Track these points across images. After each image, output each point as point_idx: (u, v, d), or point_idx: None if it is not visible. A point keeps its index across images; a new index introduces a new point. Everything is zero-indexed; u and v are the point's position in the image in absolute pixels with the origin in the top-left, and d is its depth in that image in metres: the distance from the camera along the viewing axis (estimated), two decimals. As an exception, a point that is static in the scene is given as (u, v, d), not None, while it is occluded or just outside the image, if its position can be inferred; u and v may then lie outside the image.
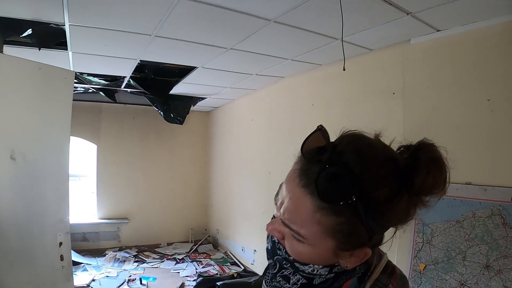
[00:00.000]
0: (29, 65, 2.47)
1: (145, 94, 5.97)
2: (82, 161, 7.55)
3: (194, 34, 3.33)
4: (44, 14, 2.97)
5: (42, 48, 3.69)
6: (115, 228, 7.31)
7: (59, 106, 2.62)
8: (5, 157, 2.32)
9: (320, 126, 0.85)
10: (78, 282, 5.37)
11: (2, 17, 3.02)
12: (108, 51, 3.94)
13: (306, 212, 0.79)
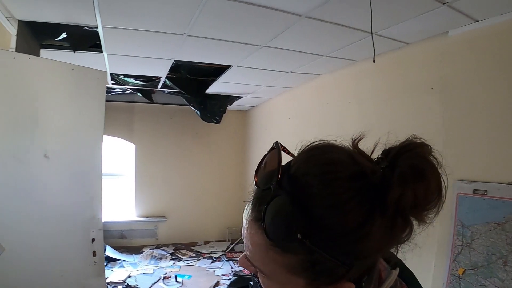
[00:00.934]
0: (62, 67, 2.54)
1: (181, 94, 6.04)
2: (121, 160, 7.74)
3: (225, 32, 3.35)
4: (76, 17, 3.07)
5: (76, 51, 3.79)
6: (152, 226, 7.44)
7: (92, 106, 2.68)
8: (39, 156, 2.40)
9: (275, 143, 0.74)
10: (114, 278, 5.52)
11: (37, 22, 3.13)
12: (142, 52, 4.02)
13: (261, 250, 0.69)
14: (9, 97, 2.30)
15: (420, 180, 0.62)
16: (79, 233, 2.58)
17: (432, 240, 3.06)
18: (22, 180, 2.35)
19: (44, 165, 2.42)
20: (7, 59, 2.33)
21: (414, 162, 0.63)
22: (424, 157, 0.66)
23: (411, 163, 0.63)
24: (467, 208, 2.83)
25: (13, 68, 2.31)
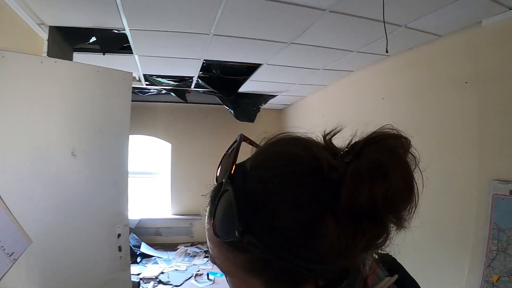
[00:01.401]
0: (88, 69, 2.63)
1: (214, 93, 6.10)
2: (157, 159, 7.91)
3: (251, 30, 3.37)
4: (104, 21, 3.19)
5: (106, 53, 3.91)
6: (188, 224, 7.55)
7: (118, 105, 2.76)
8: (66, 154, 2.50)
9: (239, 136, 0.73)
10: (147, 274, 5.67)
11: (69, 27, 3.27)
12: (171, 52, 4.10)
13: (216, 248, 0.67)
14: (38, 99, 2.41)
15: (379, 177, 0.55)
16: (105, 228, 2.67)
17: (465, 244, 2.96)
18: (50, 177, 2.46)
19: (71, 163, 2.53)
20: (35, 63, 2.45)
21: (376, 156, 0.57)
22: (390, 150, 0.59)
23: (372, 157, 0.57)
24: (503, 211, 2.66)
25: (40, 72, 2.42)
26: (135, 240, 6.73)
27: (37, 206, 2.39)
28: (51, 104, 2.46)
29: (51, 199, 2.45)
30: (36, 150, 2.39)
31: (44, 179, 2.43)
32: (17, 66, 2.33)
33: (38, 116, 2.41)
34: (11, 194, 2.26)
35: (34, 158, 2.38)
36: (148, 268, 5.97)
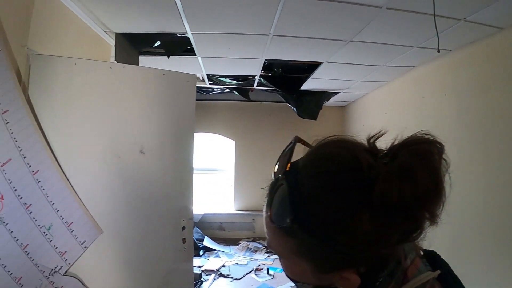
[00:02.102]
0: (154, 72, 2.79)
1: (277, 91, 6.17)
2: (222, 156, 8.13)
3: (309, 30, 3.42)
4: (167, 27, 3.40)
5: (171, 56, 4.11)
6: (250, 220, 7.69)
7: (184, 106, 2.90)
8: (135, 151, 2.69)
9: (294, 137, 0.84)
10: (209, 266, 5.87)
11: (135, 33, 3.52)
12: (233, 53, 4.24)
13: (272, 234, 0.79)
14: (109, 102, 2.61)
15: (406, 179, 0.64)
16: (171, 221, 2.83)
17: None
18: (121, 173, 2.66)
19: (140, 160, 2.71)
20: (105, 69, 2.65)
21: (407, 159, 0.66)
22: (421, 155, 0.66)
23: (402, 161, 0.66)
24: None
25: (110, 77, 2.61)
26: (198, 234, 6.96)
27: (109, 199, 2.61)
28: (121, 106, 2.65)
29: (122, 194, 2.65)
30: (108, 148, 2.59)
31: (115, 175, 2.63)
32: (89, 72, 2.54)
33: (109, 117, 2.61)
34: (86, 188, 2.50)
35: (106, 156, 2.59)
36: (210, 261, 6.17)
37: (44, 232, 2.23)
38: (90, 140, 2.54)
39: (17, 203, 2.07)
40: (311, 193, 0.70)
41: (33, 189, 2.17)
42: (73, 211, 2.40)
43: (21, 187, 2.08)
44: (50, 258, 2.27)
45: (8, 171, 2.00)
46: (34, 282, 2.18)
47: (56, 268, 2.31)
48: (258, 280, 5.53)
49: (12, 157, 2.03)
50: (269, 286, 5.31)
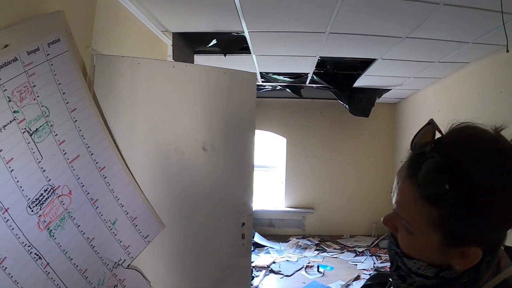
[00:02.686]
0: (215, 71, 2.84)
1: (329, 88, 6.12)
2: (273, 153, 8.16)
3: (366, 27, 3.40)
4: (224, 26, 3.46)
5: (227, 54, 4.16)
6: (300, 217, 7.69)
7: (244, 104, 2.94)
8: (198, 148, 2.76)
9: (430, 120, 0.88)
10: (259, 262, 5.92)
11: (190, 32, 3.60)
12: (288, 51, 4.25)
13: (411, 203, 0.82)
14: (172, 100, 2.68)
15: None
16: (231, 217, 2.89)
17: None
18: (183, 169, 2.73)
19: (202, 156, 2.77)
20: (168, 68, 2.72)
21: None
22: None
23: None
24: None
25: (173, 75, 2.68)
26: (249, 230, 7.01)
27: (171, 195, 2.69)
28: (184, 104, 2.72)
29: (183, 189, 2.72)
30: (172, 145, 2.66)
31: (178, 171, 2.71)
32: (152, 71, 2.61)
33: (172, 115, 2.68)
34: (149, 184, 2.58)
35: (170, 152, 2.66)
36: (260, 257, 6.22)
37: (109, 226, 2.32)
38: (154, 137, 2.62)
39: (85, 198, 2.17)
40: (469, 165, 0.75)
41: (99, 184, 2.26)
42: (137, 206, 2.49)
43: (88, 183, 2.18)
44: (114, 251, 2.37)
45: (76, 167, 2.10)
46: (98, 275, 2.28)
47: (120, 261, 2.40)
48: (308, 278, 5.53)
49: (80, 154, 2.13)
50: (320, 283, 5.30)
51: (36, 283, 1.87)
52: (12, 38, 1.73)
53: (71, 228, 2.08)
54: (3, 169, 1.70)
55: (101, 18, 2.57)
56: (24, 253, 1.80)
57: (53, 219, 1.97)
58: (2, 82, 1.69)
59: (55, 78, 1.99)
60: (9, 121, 1.73)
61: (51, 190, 1.95)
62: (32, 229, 1.84)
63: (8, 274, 1.72)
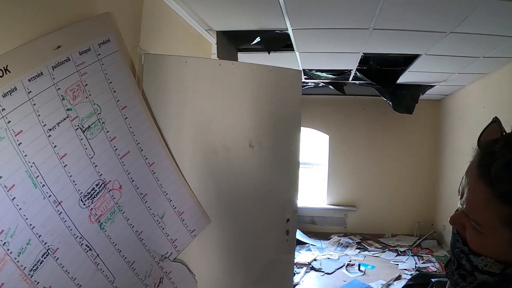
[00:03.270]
0: (261, 69, 2.87)
1: (372, 85, 6.05)
2: (315, 150, 8.13)
3: (409, 22, 3.33)
4: (267, 24, 3.49)
5: (271, 52, 4.18)
6: (342, 215, 7.66)
7: (290, 101, 2.96)
8: (245, 145, 2.79)
9: (495, 118, 0.88)
10: (301, 259, 5.94)
11: (234, 30, 3.66)
12: (331, 48, 4.23)
13: (482, 201, 0.81)
14: (218, 97, 2.72)
15: None
16: (276, 213, 2.91)
17: None
18: (230, 165, 2.77)
19: (248, 153, 2.80)
20: (214, 66, 2.77)
21: None
22: None
23: None
24: None
25: (219, 73, 2.72)
26: (290, 227, 7.04)
27: (219, 190, 2.74)
28: (230, 101, 2.76)
29: (230, 185, 2.77)
30: (219, 142, 2.71)
31: (225, 166, 2.75)
32: (199, 69, 2.66)
33: (219, 112, 2.72)
34: (197, 179, 2.64)
35: (217, 149, 2.71)
36: (301, 254, 6.24)
37: (157, 220, 2.40)
38: (201, 134, 2.67)
39: (134, 193, 2.24)
40: None
41: (148, 180, 2.34)
42: (184, 201, 2.55)
43: (138, 178, 2.26)
44: (161, 244, 2.44)
45: (127, 163, 2.18)
46: (146, 267, 2.35)
47: (166, 254, 2.47)
48: (349, 276, 5.52)
49: (130, 150, 2.21)
50: (360, 282, 5.28)
51: (86, 273, 1.96)
52: (64, 39, 1.81)
53: (121, 221, 2.16)
54: (57, 164, 1.79)
55: (148, 18, 2.64)
56: (75, 244, 1.89)
57: (104, 213, 2.05)
58: (56, 81, 1.78)
59: (106, 77, 2.06)
60: (63, 118, 1.82)
61: (102, 184, 2.04)
62: (83, 221, 1.93)
63: (60, 264, 1.81)
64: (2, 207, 1.54)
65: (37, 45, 1.69)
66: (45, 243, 1.74)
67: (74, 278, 1.88)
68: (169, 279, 2.52)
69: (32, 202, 1.67)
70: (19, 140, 1.61)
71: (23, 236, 1.63)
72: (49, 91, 1.75)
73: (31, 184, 1.67)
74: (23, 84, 1.62)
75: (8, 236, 1.56)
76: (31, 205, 1.67)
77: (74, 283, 1.88)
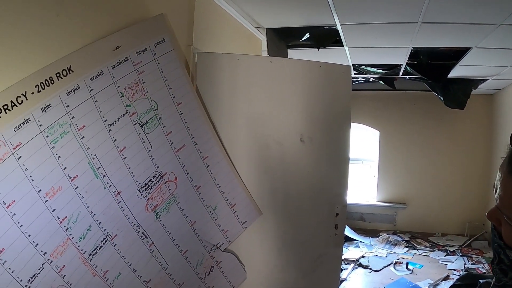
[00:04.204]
0: (311, 65, 2.91)
1: (422, 79, 5.92)
2: (366, 146, 8.03)
3: (458, 15, 3.26)
4: (316, 20, 3.53)
5: (320, 48, 4.21)
6: (392, 212, 7.53)
7: (340, 96, 2.98)
8: (296, 140, 2.84)
9: None
10: (349, 255, 5.94)
11: (284, 27, 3.72)
12: (380, 42, 4.21)
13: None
14: (270, 93, 2.79)
15: None
16: (326, 207, 2.95)
17: None
18: (281, 159, 2.83)
19: (299, 148, 2.85)
20: (265, 63, 2.85)
21: None
22: None
23: None
24: None
25: (270, 70, 2.79)
26: (340, 223, 7.03)
27: (270, 184, 2.81)
28: (281, 97, 2.81)
29: (281, 179, 2.83)
30: (270, 137, 2.78)
31: (277, 161, 2.82)
32: (251, 66, 2.74)
33: (271, 107, 2.78)
34: (249, 173, 2.73)
35: (269, 144, 2.78)
36: (350, 251, 6.23)
37: (210, 211, 2.50)
38: (253, 129, 2.75)
39: (189, 184, 2.36)
40: None
41: (202, 172, 2.45)
42: (236, 194, 2.65)
43: (192, 170, 2.37)
44: (213, 235, 2.54)
45: (182, 156, 2.30)
46: (197, 256, 2.46)
47: (218, 244, 2.57)
48: (396, 274, 5.46)
49: (185, 144, 2.33)
50: (408, 281, 5.21)
51: (141, 259, 2.10)
52: (123, 40, 1.96)
53: (176, 211, 2.29)
54: (117, 157, 1.95)
55: (200, 18, 2.75)
56: (132, 232, 2.04)
57: (160, 203, 2.18)
58: (115, 80, 1.93)
59: (162, 75, 2.19)
60: (122, 114, 1.97)
61: (159, 176, 2.17)
62: (140, 211, 2.08)
63: (117, 250, 1.96)
64: (66, 195, 1.70)
65: (97, 46, 1.84)
66: (105, 229, 1.89)
67: (130, 263, 2.03)
68: (220, 268, 2.62)
69: (93, 192, 1.83)
70: (82, 134, 1.77)
71: (85, 223, 1.79)
72: (109, 89, 1.90)
73: (93, 174, 1.83)
74: (85, 83, 1.78)
75: (71, 222, 1.72)
76: (93, 194, 1.83)
77: (129, 268, 2.03)
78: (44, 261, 1.61)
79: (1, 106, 1.43)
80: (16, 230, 1.50)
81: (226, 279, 2.67)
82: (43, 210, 1.60)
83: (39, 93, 1.57)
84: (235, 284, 2.72)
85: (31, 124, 1.55)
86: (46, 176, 1.61)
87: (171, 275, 2.28)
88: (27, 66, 1.53)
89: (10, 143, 1.47)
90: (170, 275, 2.27)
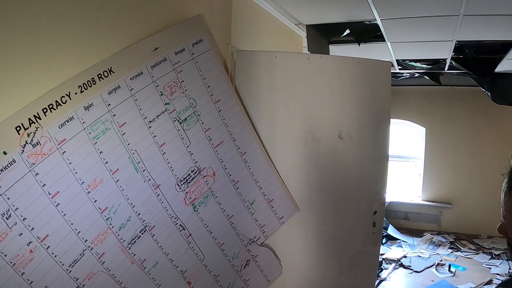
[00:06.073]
0: (349, 61, 2.90)
1: (469, 74, 5.75)
2: (411, 143, 7.84)
3: (500, 6, 3.14)
4: (355, 16, 3.51)
5: (361, 43, 4.19)
6: (437, 212, 7.32)
7: (379, 92, 2.94)
8: (334, 136, 2.85)
9: None
10: (390, 255, 5.88)
11: (325, 23, 3.73)
12: (422, 36, 4.13)
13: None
14: (308, 90, 2.81)
15: None
16: (363, 204, 2.94)
17: None
18: (319, 155, 2.85)
19: (338, 144, 2.85)
20: (303, 59, 2.86)
21: None
22: None
23: None
24: None
25: (308, 66, 2.80)
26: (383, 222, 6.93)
27: (307, 180, 2.84)
28: (319, 93, 2.83)
29: (318, 175, 2.85)
30: (309, 133, 2.80)
31: (314, 157, 2.84)
32: (288, 63, 2.76)
33: (309, 104, 2.80)
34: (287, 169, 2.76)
35: (308, 140, 2.80)
36: (392, 250, 6.15)
37: (247, 206, 2.56)
38: (292, 126, 2.78)
39: (227, 179, 2.43)
40: None
41: (240, 168, 2.51)
42: (274, 189, 2.69)
43: (230, 166, 2.44)
44: (250, 229, 2.60)
45: (220, 152, 2.37)
46: (234, 249, 2.53)
47: (254, 238, 2.63)
48: (438, 276, 5.35)
49: (224, 140, 2.40)
50: (449, 283, 5.09)
51: (178, 250, 2.19)
52: (161, 41, 2.05)
53: (213, 205, 2.36)
54: (156, 152, 2.05)
55: (238, 17, 2.79)
56: (170, 223, 2.14)
57: (198, 196, 2.26)
58: (155, 79, 2.03)
59: (200, 73, 2.26)
60: (162, 111, 2.07)
61: (197, 171, 2.25)
62: (179, 203, 2.17)
63: (155, 240, 2.07)
64: (107, 187, 1.82)
65: (137, 48, 1.95)
66: (143, 220, 2.00)
67: (167, 253, 2.13)
68: (255, 262, 2.67)
69: (133, 184, 1.94)
70: (123, 130, 1.88)
71: (124, 214, 1.91)
72: (149, 88, 2.01)
73: (133, 168, 1.94)
74: (125, 83, 1.89)
75: (111, 212, 1.84)
76: (133, 187, 1.94)
77: (167, 258, 2.13)
78: (85, 247, 1.73)
79: (47, 105, 1.56)
80: (60, 218, 1.62)
81: (262, 273, 2.72)
82: (85, 200, 1.72)
83: (82, 93, 1.69)
84: (270, 278, 2.76)
85: (74, 122, 1.67)
86: (88, 169, 1.73)
87: (207, 267, 2.35)
88: (70, 69, 1.65)
89: (55, 139, 1.60)
90: (206, 266, 2.35)
